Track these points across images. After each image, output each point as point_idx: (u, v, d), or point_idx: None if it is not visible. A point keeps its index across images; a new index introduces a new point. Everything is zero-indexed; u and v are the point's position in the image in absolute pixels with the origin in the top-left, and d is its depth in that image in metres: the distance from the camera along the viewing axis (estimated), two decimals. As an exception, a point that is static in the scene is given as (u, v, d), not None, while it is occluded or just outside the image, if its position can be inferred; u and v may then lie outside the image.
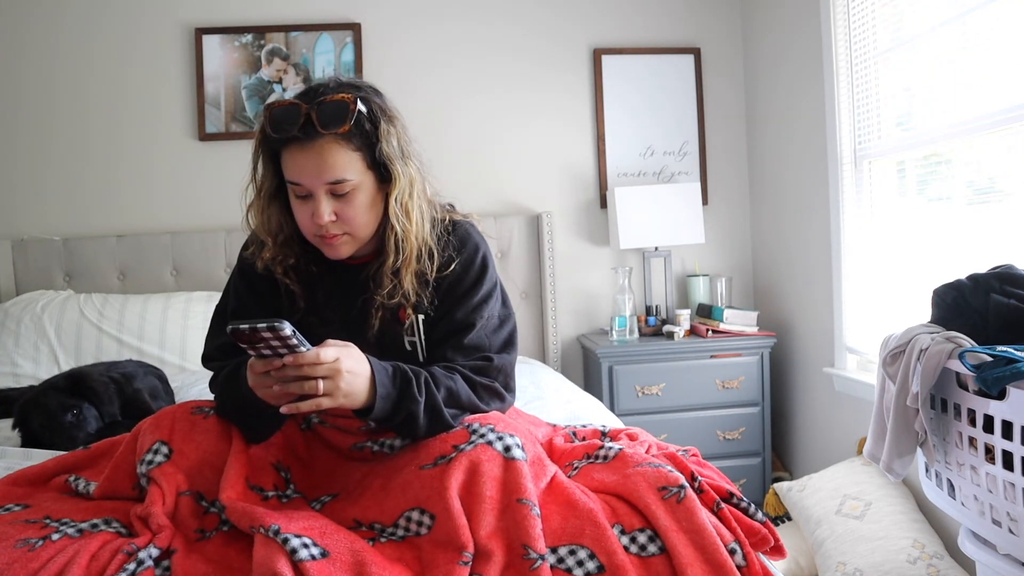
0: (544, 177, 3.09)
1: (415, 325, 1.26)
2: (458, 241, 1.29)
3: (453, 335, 1.25)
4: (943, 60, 2.06)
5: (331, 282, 1.29)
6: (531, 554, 0.94)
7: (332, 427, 1.24)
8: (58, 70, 2.86)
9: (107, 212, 2.89)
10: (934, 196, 2.18)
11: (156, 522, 1.02)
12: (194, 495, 1.09)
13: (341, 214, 1.17)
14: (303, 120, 1.12)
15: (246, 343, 0.98)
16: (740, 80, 3.18)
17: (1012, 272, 1.42)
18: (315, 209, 1.16)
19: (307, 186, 1.15)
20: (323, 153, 1.13)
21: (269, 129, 1.15)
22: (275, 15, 2.95)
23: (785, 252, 2.94)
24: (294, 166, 1.15)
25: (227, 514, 1.03)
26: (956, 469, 1.40)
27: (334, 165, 1.14)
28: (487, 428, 1.07)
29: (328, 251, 1.22)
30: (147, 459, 1.12)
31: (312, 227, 1.19)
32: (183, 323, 2.57)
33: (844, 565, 1.98)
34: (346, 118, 1.13)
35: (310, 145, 1.13)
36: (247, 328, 0.94)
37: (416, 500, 1.01)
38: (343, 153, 1.15)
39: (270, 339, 0.97)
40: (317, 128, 1.12)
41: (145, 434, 1.15)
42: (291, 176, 1.16)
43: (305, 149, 1.14)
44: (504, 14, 3.05)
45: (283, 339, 0.97)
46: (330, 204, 1.16)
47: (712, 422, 2.77)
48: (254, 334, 0.95)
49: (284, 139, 1.15)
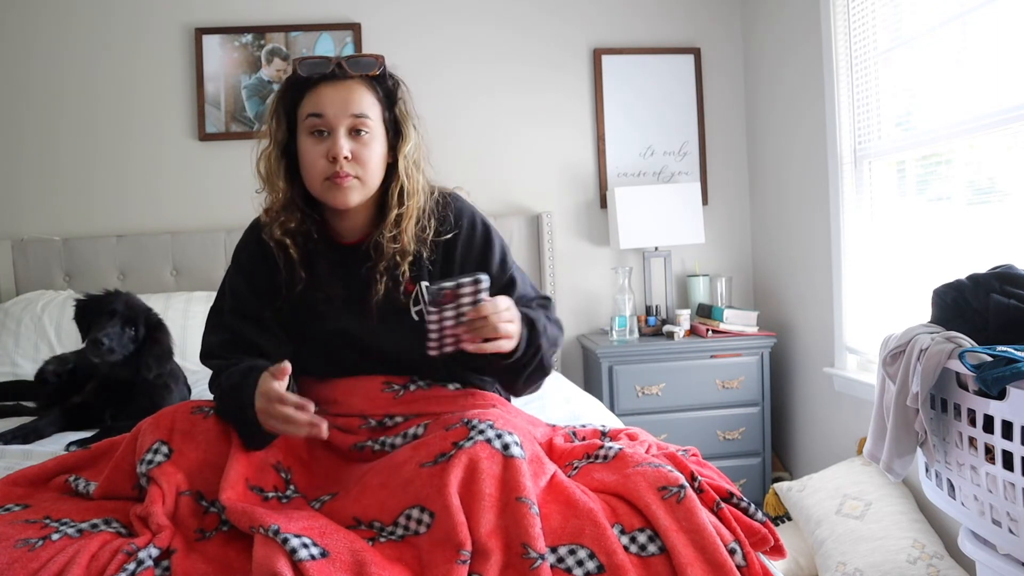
0: (544, 177, 3.09)
1: (420, 294, 1.29)
2: (456, 205, 1.35)
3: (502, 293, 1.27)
4: (943, 60, 2.06)
5: (332, 259, 1.31)
6: (531, 553, 0.94)
7: (333, 427, 1.24)
8: (58, 71, 2.86)
9: (107, 212, 2.89)
10: (934, 196, 2.18)
11: (156, 522, 1.02)
12: (194, 495, 1.09)
13: (357, 155, 1.23)
14: (334, 66, 1.23)
15: (448, 301, 1.09)
16: (740, 80, 3.18)
17: (1012, 272, 1.42)
18: (333, 144, 1.21)
19: (330, 119, 1.21)
20: (352, 89, 1.23)
21: (300, 71, 1.23)
22: (275, 15, 2.95)
23: (785, 252, 2.94)
24: (320, 99, 1.22)
25: (227, 514, 1.03)
26: (956, 469, 1.40)
27: (361, 101, 1.23)
28: (486, 424, 1.07)
29: (336, 194, 1.24)
30: (147, 459, 1.12)
31: (325, 167, 1.22)
32: (183, 323, 2.56)
33: (844, 565, 1.98)
34: (375, 66, 1.25)
35: (340, 83, 1.23)
36: (452, 285, 1.07)
37: (416, 498, 1.01)
38: (368, 95, 1.25)
39: (467, 294, 1.09)
40: (347, 71, 1.23)
41: (145, 434, 1.15)
42: (315, 108, 1.22)
43: (334, 85, 1.23)
44: (504, 14, 3.05)
45: (478, 292, 1.10)
46: (348, 142, 1.22)
47: (712, 422, 2.77)
48: (458, 289, 1.08)
49: (314, 78, 1.23)
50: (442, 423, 1.14)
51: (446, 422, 1.13)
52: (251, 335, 1.28)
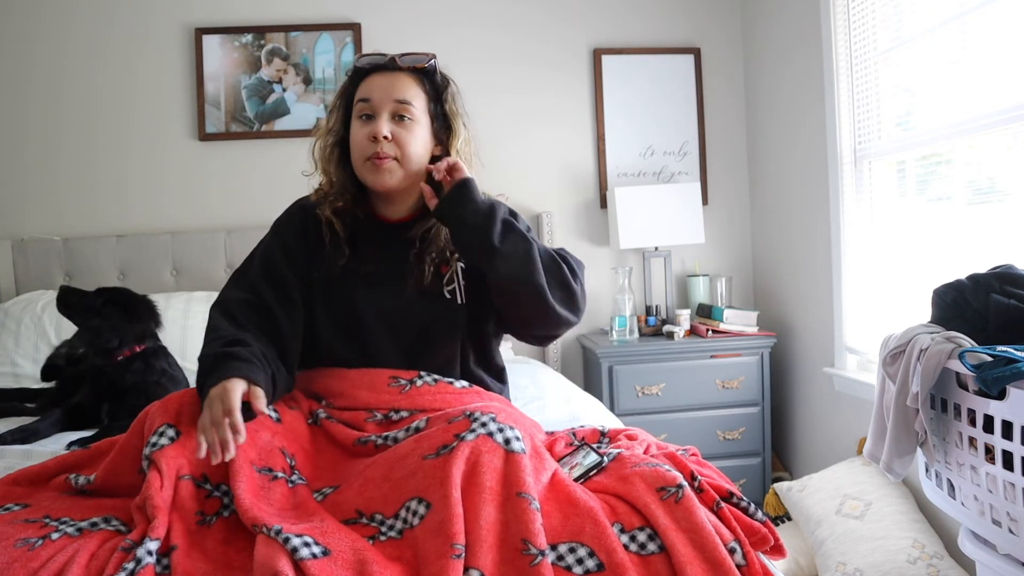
0: (544, 177, 3.09)
1: (455, 274, 1.36)
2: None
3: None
4: (943, 60, 2.06)
5: (375, 237, 1.39)
6: (531, 549, 0.94)
7: (338, 422, 1.25)
8: (59, 71, 2.86)
9: (107, 212, 2.89)
10: (934, 196, 2.18)
11: (152, 505, 1.01)
12: (194, 479, 1.09)
13: (397, 136, 1.31)
14: (388, 59, 1.36)
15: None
16: (740, 80, 3.18)
17: (1012, 272, 1.42)
18: (375, 125, 1.30)
19: (375, 103, 1.32)
20: (398, 78, 1.34)
21: (357, 64, 1.37)
22: (275, 15, 2.95)
23: (785, 252, 2.94)
24: (369, 86, 1.34)
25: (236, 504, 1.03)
26: (956, 469, 1.40)
27: (405, 88, 1.34)
28: (488, 417, 1.07)
29: (376, 175, 1.32)
30: (152, 441, 1.11)
31: (367, 146, 1.31)
32: (183, 323, 2.56)
33: (844, 565, 1.98)
34: (424, 60, 1.36)
35: (389, 73, 1.35)
36: None
37: (417, 490, 1.01)
38: (414, 86, 1.35)
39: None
40: (397, 63, 1.35)
41: (153, 417, 1.15)
42: (363, 94, 1.34)
43: (383, 74, 1.35)
44: (504, 14, 3.05)
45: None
46: (389, 124, 1.31)
47: (712, 422, 2.77)
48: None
49: (368, 68, 1.35)
50: (444, 415, 1.14)
51: (449, 415, 1.14)
52: (269, 299, 1.32)
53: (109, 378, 1.84)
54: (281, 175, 2.83)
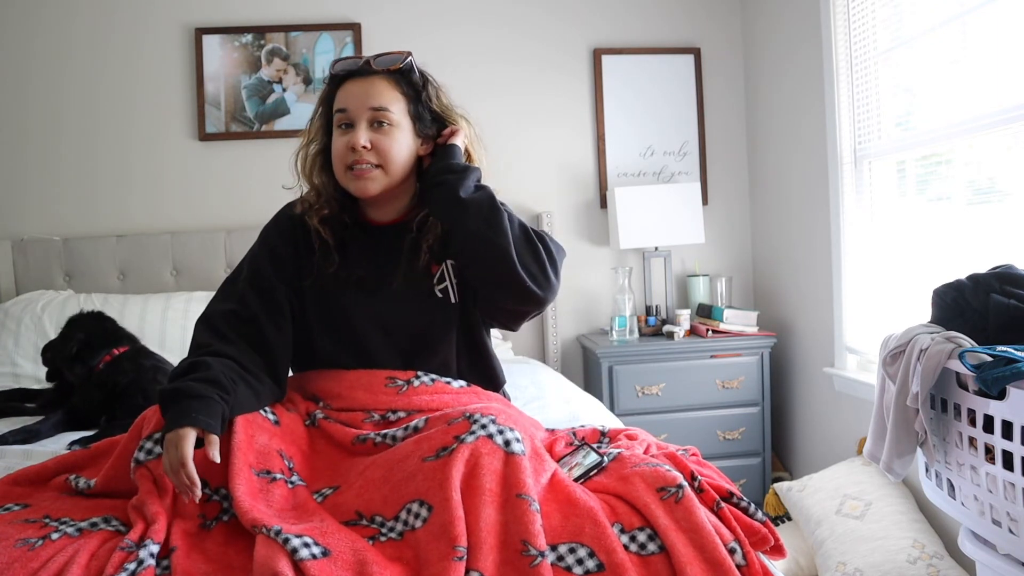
0: (544, 177, 3.09)
1: (446, 272, 1.35)
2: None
3: None
4: (943, 60, 2.06)
5: (366, 242, 1.37)
6: (531, 550, 0.94)
7: (336, 422, 1.25)
8: (59, 71, 2.86)
9: (107, 212, 2.89)
10: (934, 196, 2.18)
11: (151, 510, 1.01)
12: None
13: (377, 144, 1.29)
14: (363, 63, 1.32)
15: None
16: (740, 80, 3.18)
17: (1012, 272, 1.42)
18: (354, 135, 1.28)
19: (352, 112, 1.29)
20: (373, 84, 1.30)
21: (331, 70, 1.33)
22: (275, 15, 2.95)
23: (785, 252, 2.94)
24: (345, 96, 1.31)
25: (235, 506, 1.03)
26: (956, 469, 1.40)
27: (380, 94, 1.30)
28: (488, 419, 1.07)
29: (357, 185, 1.30)
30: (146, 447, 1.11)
31: (347, 156, 1.29)
32: (183, 323, 2.56)
33: (844, 565, 1.98)
34: (397, 61, 1.32)
35: (363, 79, 1.31)
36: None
37: (417, 492, 1.01)
38: (390, 90, 1.31)
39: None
40: (372, 67, 1.31)
41: (149, 422, 1.15)
42: (340, 104, 1.31)
43: (358, 81, 1.31)
44: (504, 14, 3.05)
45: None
46: (368, 133, 1.28)
47: (712, 422, 2.77)
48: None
49: (343, 75, 1.32)
50: (444, 416, 1.14)
51: (448, 416, 1.13)
52: (256, 309, 1.30)
53: (97, 386, 1.84)
54: (281, 175, 2.80)
